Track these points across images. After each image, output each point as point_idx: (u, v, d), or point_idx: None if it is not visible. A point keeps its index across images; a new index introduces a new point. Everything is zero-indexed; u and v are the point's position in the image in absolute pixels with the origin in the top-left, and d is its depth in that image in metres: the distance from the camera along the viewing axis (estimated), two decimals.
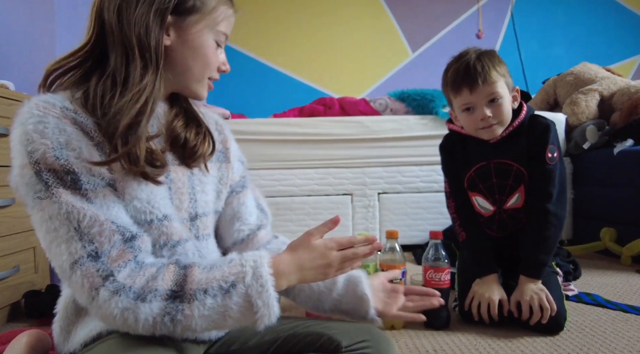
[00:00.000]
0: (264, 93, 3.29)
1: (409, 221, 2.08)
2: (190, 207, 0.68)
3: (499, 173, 1.10)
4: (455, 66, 1.07)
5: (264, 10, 3.28)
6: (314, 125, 2.03)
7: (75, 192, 0.54)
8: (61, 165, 0.53)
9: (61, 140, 0.54)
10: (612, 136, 1.96)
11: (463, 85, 1.04)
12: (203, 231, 0.71)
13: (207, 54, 0.66)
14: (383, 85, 3.29)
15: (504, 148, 1.08)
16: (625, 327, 1.06)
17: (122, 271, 0.54)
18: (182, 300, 0.54)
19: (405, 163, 2.07)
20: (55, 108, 0.55)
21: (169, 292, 0.54)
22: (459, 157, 1.16)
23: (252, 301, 0.56)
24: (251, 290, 0.56)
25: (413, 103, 2.13)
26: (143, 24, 0.58)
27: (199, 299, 0.54)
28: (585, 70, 2.36)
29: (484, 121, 1.04)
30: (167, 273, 0.56)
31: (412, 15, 3.28)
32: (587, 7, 3.24)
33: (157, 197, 0.62)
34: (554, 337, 1.01)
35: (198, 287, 0.55)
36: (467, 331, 1.07)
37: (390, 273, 0.94)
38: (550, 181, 1.05)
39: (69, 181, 0.54)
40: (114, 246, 0.54)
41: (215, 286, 0.55)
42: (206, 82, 0.69)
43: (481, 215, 1.16)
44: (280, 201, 2.04)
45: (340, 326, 0.72)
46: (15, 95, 1.22)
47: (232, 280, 0.56)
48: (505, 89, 1.04)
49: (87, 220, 0.53)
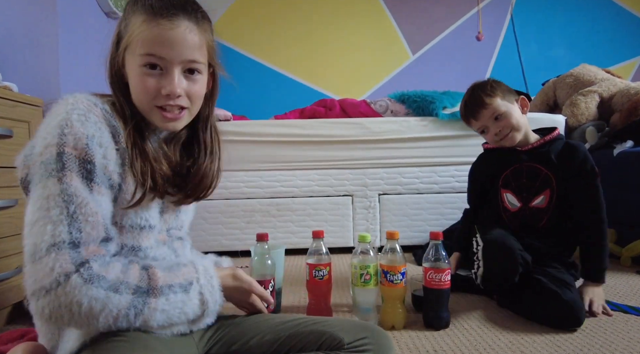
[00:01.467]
0: (265, 95, 3.30)
1: (409, 222, 2.08)
2: (172, 222, 0.76)
3: (529, 174, 1.28)
4: (461, 105, 1.35)
5: (265, 13, 3.29)
6: (314, 127, 2.04)
7: (85, 181, 0.58)
8: (87, 154, 0.58)
9: (97, 135, 0.60)
10: (612, 137, 1.97)
11: (469, 116, 1.31)
12: (177, 234, 0.79)
13: (136, 83, 0.65)
14: (383, 86, 3.30)
15: (536, 155, 1.28)
16: (625, 328, 1.07)
17: (97, 261, 0.57)
18: (149, 295, 0.59)
19: (406, 165, 2.07)
20: (97, 108, 0.62)
21: (136, 287, 0.59)
22: (485, 173, 1.39)
23: (205, 298, 0.66)
24: (204, 288, 0.66)
25: (413, 105, 2.14)
26: (113, 63, 0.68)
27: (165, 294, 0.61)
28: (585, 71, 2.37)
29: (498, 135, 1.27)
30: (133, 270, 0.60)
31: (412, 17, 3.29)
32: (586, 9, 3.25)
33: (150, 209, 0.70)
34: (554, 338, 1.01)
35: (164, 284, 0.61)
36: (467, 332, 1.07)
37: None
38: (600, 194, 1.22)
39: (86, 170, 0.58)
40: (94, 240, 0.58)
41: (177, 283, 0.63)
42: (156, 111, 0.67)
43: (508, 210, 1.32)
44: (281, 202, 2.05)
45: (340, 324, 0.73)
46: (18, 97, 1.23)
47: (190, 279, 0.65)
48: (506, 104, 1.26)
49: (87, 209, 0.57)
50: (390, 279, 1.08)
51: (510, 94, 1.29)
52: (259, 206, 2.04)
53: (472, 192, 1.48)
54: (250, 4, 3.29)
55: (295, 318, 0.76)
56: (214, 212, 2.03)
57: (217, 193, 2.04)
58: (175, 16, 0.64)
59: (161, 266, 0.64)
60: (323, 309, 1.16)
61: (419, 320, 1.13)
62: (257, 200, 2.05)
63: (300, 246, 2.01)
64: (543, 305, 1.10)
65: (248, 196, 2.05)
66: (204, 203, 2.03)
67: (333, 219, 2.06)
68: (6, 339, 0.92)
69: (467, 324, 1.12)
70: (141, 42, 0.63)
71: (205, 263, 0.71)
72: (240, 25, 3.30)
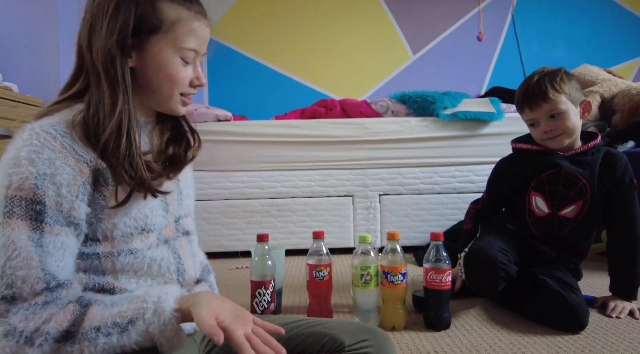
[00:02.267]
0: (265, 95, 3.30)
1: (410, 222, 2.08)
2: (176, 210, 0.72)
3: (566, 182, 1.20)
4: (520, 88, 1.23)
5: (266, 13, 3.29)
6: (315, 127, 2.04)
7: (33, 223, 0.54)
8: (36, 194, 0.54)
9: (47, 172, 0.55)
10: (613, 138, 1.96)
11: (525, 104, 1.20)
12: (188, 228, 0.76)
13: (171, 72, 0.65)
14: (384, 87, 3.30)
15: (577, 163, 1.19)
16: (626, 329, 1.06)
17: (21, 313, 0.52)
18: (74, 341, 0.52)
19: (406, 165, 2.07)
20: (55, 141, 0.56)
21: (62, 333, 0.52)
22: (516, 174, 1.27)
23: (155, 340, 0.53)
24: (152, 327, 0.52)
25: (414, 105, 2.14)
26: (107, 54, 0.60)
27: (89, 338, 0.52)
28: (586, 72, 2.37)
29: (547, 133, 1.18)
30: (64, 313, 0.53)
31: (413, 17, 3.29)
32: (587, 9, 3.25)
33: (151, 209, 0.66)
34: (555, 339, 1.01)
35: (90, 325, 0.52)
36: (468, 332, 1.07)
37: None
38: (636, 206, 1.17)
39: (34, 211, 0.54)
40: (32, 292, 0.53)
41: (110, 323, 0.52)
42: (178, 98, 0.68)
43: (534, 214, 1.25)
44: (281, 202, 2.04)
45: (341, 326, 0.73)
46: (19, 97, 1.23)
47: (130, 316, 0.53)
48: (568, 104, 1.16)
49: (18, 261, 0.52)
50: (390, 280, 1.07)
51: (578, 93, 1.18)
52: (259, 207, 2.04)
53: (493, 190, 1.36)
54: (250, 4, 3.29)
55: (296, 320, 0.76)
56: (214, 213, 2.03)
57: (217, 194, 2.04)
58: (207, 16, 0.69)
59: (105, 302, 0.56)
60: (323, 310, 1.15)
61: (419, 321, 1.13)
62: (257, 200, 2.05)
63: (301, 247, 2.00)
64: (547, 307, 1.09)
65: (248, 196, 2.05)
66: (204, 203, 2.03)
67: (333, 220, 2.06)
68: None
69: (467, 325, 1.11)
70: (189, 36, 0.65)
71: (164, 292, 0.56)
72: (240, 25, 3.30)
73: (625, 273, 1.17)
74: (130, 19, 0.61)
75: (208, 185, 2.03)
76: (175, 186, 0.72)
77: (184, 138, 0.74)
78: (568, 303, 1.05)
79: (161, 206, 0.68)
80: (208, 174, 2.04)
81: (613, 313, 1.14)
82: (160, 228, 0.67)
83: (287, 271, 1.73)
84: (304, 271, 1.73)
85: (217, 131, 2.02)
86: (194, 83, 0.69)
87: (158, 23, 0.62)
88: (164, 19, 0.63)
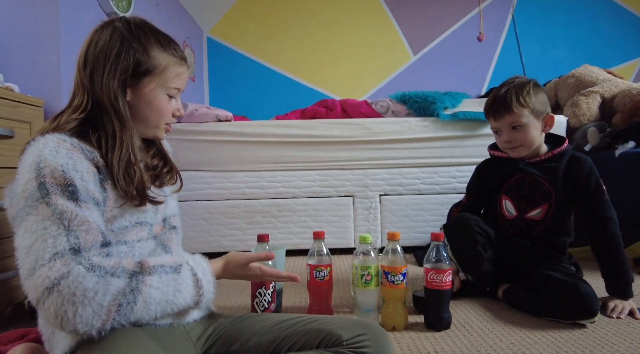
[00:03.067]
0: (266, 95, 3.30)
1: (410, 222, 2.08)
2: (164, 211, 0.83)
3: (530, 187, 1.28)
4: (490, 96, 1.29)
5: (266, 14, 3.30)
6: (315, 127, 2.04)
7: (71, 200, 0.63)
8: (66, 179, 0.63)
9: (69, 162, 0.65)
10: (614, 138, 1.96)
11: (490, 113, 1.28)
12: (175, 224, 0.85)
13: (160, 107, 0.78)
14: (385, 87, 3.30)
15: (542, 169, 1.27)
16: (627, 329, 1.06)
17: (96, 256, 0.62)
18: (143, 273, 0.64)
19: (407, 165, 2.07)
20: (66, 143, 0.67)
21: (131, 272, 0.64)
22: (491, 177, 1.37)
23: (198, 277, 0.70)
24: (195, 269, 0.71)
25: (414, 105, 2.14)
26: (111, 91, 0.72)
27: (157, 272, 0.66)
28: (587, 72, 2.37)
29: (507, 143, 1.26)
30: (128, 260, 0.66)
31: (413, 17, 3.29)
32: (588, 9, 3.25)
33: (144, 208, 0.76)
34: (556, 339, 1.01)
35: (155, 264, 0.66)
36: (469, 333, 1.07)
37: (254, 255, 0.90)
38: (607, 206, 1.22)
39: (68, 191, 0.63)
40: (94, 245, 0.63)
41: (167, 264, 0.68)
42: (163, 127, 0.82)
43: (504, 216, 1.34)
44: (282, 202, 2.05)
45: (338, 322, 0.74)
46: (20, 98, 1.23)
47: (179, 261, 0.70)
48: (530, 118, 1.22)
49: (78, 219, 0.62)
50: (391, 280, 1.07)
51: (542, 107, 1.23)
52: (259, 207, 2.04)
53: (471, 193, 1.47)
54: (251, 4, 3.30)
55: (294, 317, 0.76)
56: (214, 213, 2.03)
57: (217, 194, 2.05)
58: (187, 61, 0.83)
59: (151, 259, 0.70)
60: (324, 310, 1.15)
61: (420, 321, 1.13)
62: (258, 200, 2.05)
63: (301, 247, 2.00)
64: (559, 297, 1.10)
65: (249, 197, 2.05)
66: (205, 203, 2.04)
67: (334, 220, 2.06)
68: (6, 340, 0.92)
69: (468, 326, 1.11)
70: (176, 78, 0.79)
71: (193, 255, 0.76)
72: (241, 25, 3.30)
73: (615, 273, 1.19)
74: (131, 63, 0.73)
75: (209, 185, 2.04)
76: (159, 191, 0.83)
77: (163, 154, 0.87)
78: (580, 291, 1.07)
79: (152, 206, 0.78)
80: (209, 174, 2.04)
81: (613, 314, 1.14)
82: (151, 224, 0.77)
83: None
84: (304, 271, 1.73)
85: (217, 131, 2.02)
86: (175, 115, 0.82)
87: (151, 68, 0.75)
88: (157, 64, 0.75)
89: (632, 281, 1.17)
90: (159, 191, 0.82)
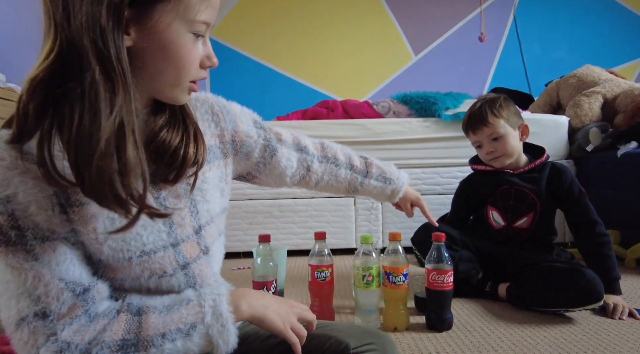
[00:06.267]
0: (267, 96, 3.31)
1: (412, 223, 2.07)
2: (193, 221, 0.61)
3: (516, 197, 1.35)
4: (466, 114, 1.39)
5: (267, 14, 3.30)
6: (317, 128, 2.04)
7: (19, 249, 0.47)
8: (5, 219, 0.46)
9: (8, 193, 0.46)
10: (616, 138, 1.96)
11: (469, 128, 1.37)
12: (209, 241, 0.66)
13: (181, 51, 0.51)
14: (386, 88, 3.30)
15: (526, 179, 1.35)
16: (630, 330, 1.06)
17: (68, 328, 0.49)
18: (137, 348, 0.50)
19: (408, 166, 2.07)
20: (4, 161, 0.47)
21: (119, 342, 0.50)
22: (477, 190, 1.44)
23: (214, 341, 0.53)
24: (212, 330, 0.53)
25: (416, 105, 2.14)
26: (95, 26, 0.43)
27: (156, 345, 0.51)
28: (588, 72, 2.36)
29: (490, 154, 1.34)
30: (117, 323, 0.51)
31: (414, 18, 3.29)
32: (589, 9, 3.24)
33: (142, 231, 0.55)
34: (557, 339, 1.01)
35: (155, 332, 0.51)
36: (470, 333, 1.07)
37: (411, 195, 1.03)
38: (591, 210, 1.28)
39: (13, 236, 0.47)
40: (64, 303, 0.49)
41: (174, 329, 0.52)
42: (186, 86, 0.54)
43: (492, 227, 1.41)
44: (283, 203, 2.05)
45: (345, 328, 0.72)
46: None
47: (192, 321, 0.53)
48: (507, 128, 1.31)
49: (30, 281, 0.48)
50: (392, 280, 1.07)
51: (516, 118, 1.33)
52: (261, 208, 2.05)
53: (456, 208, 1.53)
54: (253, 5, 3.30)
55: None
56: None
57: None
58: None
59: (158, 308, 0.54)
60: (325, 310, 1.15)
61: (421, 322, 1.13)
62: (259, 201, 2.05)
63: (303, 248, 2.00)
64: (564, 284, 1.12)
65: (250, 197, 2.05)
66: None
67: (335, 220, 2.06)
68: (7, 340, 0.92)
69: (469, 326, 1.11)
70: (204, 5, 0.51)
71: (216, 295, 0.55)
72: (242, 26, 3.31)
73: (602, 270, 1.20)
74: None
75: None
76: (182, 193, 0.59)
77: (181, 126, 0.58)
78: (585, 276, 1.10)
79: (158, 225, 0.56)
80: None
81: (615, 315, 1.14)
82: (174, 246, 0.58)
83: (289, 272, 1.73)
84: (305, 271, 1.73)
85: None
86: (204, 64, 0.55)
87: None
88: None
89: (620, 278, 1.21)
90: (175, 190, 0.58)
